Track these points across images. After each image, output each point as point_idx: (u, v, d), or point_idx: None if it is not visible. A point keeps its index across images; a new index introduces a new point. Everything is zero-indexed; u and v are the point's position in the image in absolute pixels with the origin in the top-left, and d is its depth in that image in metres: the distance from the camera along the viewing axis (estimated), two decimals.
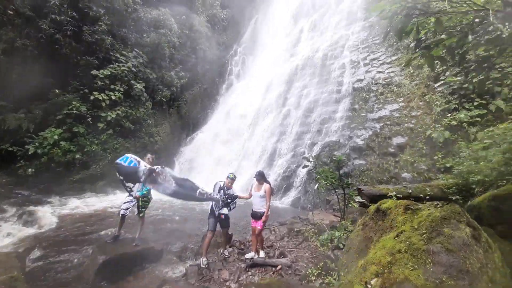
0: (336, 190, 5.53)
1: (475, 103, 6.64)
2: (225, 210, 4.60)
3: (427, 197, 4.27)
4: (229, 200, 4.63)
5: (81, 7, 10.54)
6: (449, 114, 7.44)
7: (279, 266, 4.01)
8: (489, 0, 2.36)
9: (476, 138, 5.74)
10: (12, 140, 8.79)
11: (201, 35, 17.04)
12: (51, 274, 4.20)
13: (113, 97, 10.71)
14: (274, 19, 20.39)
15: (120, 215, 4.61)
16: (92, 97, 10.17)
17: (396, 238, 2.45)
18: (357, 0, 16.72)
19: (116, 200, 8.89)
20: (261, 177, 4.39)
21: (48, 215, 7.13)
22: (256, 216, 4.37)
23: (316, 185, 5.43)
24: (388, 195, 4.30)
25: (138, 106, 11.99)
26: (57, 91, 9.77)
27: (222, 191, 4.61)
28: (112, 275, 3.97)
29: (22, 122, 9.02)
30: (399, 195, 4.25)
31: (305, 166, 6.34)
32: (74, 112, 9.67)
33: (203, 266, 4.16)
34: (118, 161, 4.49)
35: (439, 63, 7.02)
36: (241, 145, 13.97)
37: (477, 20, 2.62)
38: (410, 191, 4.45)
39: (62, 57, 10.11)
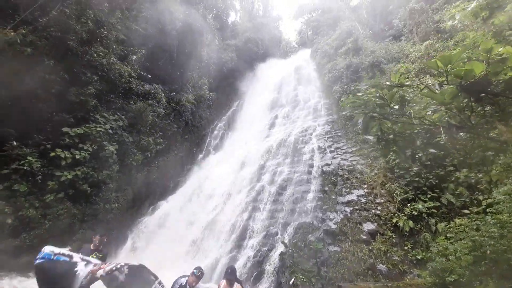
0: (313, 285, 4.96)
1: (429, 195, 7.46)
2: None
3: None
4: None
5: (75, 71, 11.17)
6: (409, 204, 8.10)
7: None
8: (439, 118, 3.08)
9: (438, 229, 6.12)
10: None
11: (186, 109, 18.46)
12: None
13: (77, 157, 9.91)
14: (253, 105, 23.53)
15: None
16: (52, 154, 9.29)
17: None
18: (321, 101, 20.72)
19: None
20: (233, 276, 3.63)
21: None
22: None
23: (292, 280, 4.86)
24: None
25: (103, 168, 11.07)
26: (14, 143, 8.84)
27: None
28: None
29: None
30: None
31: (282, 254, 5.84)
32: (24, 168, 8.50)
33: None
34: (38, 260, 3.18)
35: (393, 156, 8.22)
36: (208, 221, 12.85)
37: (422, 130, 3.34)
38: None
39: (35, 111, 9.76)
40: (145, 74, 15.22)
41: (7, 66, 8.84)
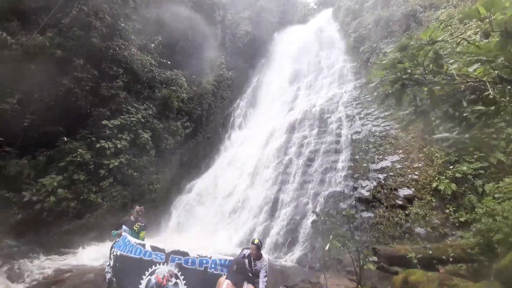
0: (349, 247, 5.08)
1: (475, 156, 6.79)
2: None
3: (450, 258, 3.92)
4: (256, 280, 3.46)
5: (103, 67, 11.86)
6: (451, 166, 7.51)
7: None
8: (484, 73, 2.66)
9: (485, 191, 5.65)
10: (9, 186, 8.55)
11: (207, 91, 18.66)
12: None
13: (119, 145, 10.96)
14: (273, 79, 22.76)
15: (107, 280, 4.09)
16: (98, 145, 10.40)
17: None
18: (346, 66, 19.11)
19: (105, 256, 8.06)
20: (239, 276, 2.72)
21: (35, 271, 6.39)
22: None
23: (327, 246, 5.01)
24: (408, 256, 3.94)
25: (142, 154, 12.15)
26: (65, 138, 10.06)
27: (247, 262, 3.60)
28: None
29: (24, 168, 8.96)
30: (419, 256, 3.90)
31: (314, 221, 5.99)
32: (78, 159, 9.73)
33: None
34: (116, 247, 3.41)
35: (433, 117, 7.49)
36: (241, 195, 13.57)
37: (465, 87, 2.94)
38: (430, 252, 4.12)
39: (76, 108, 10.80)
40: (164, 61, 15.49)
41: (44, 70, 9.73)
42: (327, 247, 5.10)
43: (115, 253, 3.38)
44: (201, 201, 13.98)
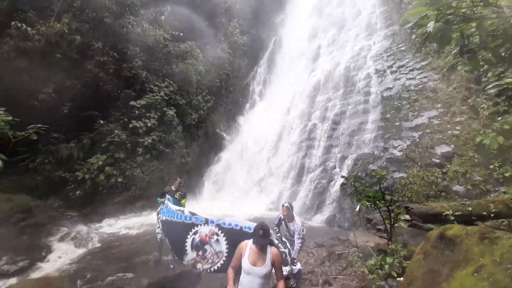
0: (379, 207, 5.11)
1: None
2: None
3: (492, 215, 3.75)
4: (292, 239, 3.77)
5: (120, 48, 11.96)
6: (500, 118, 6.70)
7: None
8: None
9: None
10: (64, 167, 9.83)
11: (223, 61, 18.10)
12: None
13: (149, 124, 11.60)
14: (291, 39, 21.01)
15: (159, 239, 4.74)
16: (130, 125, 11.12)
17: (475, 274, 2.12)
18: (375, 12, 16.67)
19: (154, 220, 9.27)
20: (265, 240, 2.35)
21: (95, 236, 7.64)
22: None
23: (358, 207, 5.07)
24: (444, 214, 3.85)
25: (170, 131, 12.79)
26: (101, 121, 10.89)
27: (283, 224, 3.92)
28: None
29: (73, 151, 10.10)
30: (457, 213, 3.79)
31: (343, 185, 6.01)
32: (116, 139, 10.62)
33: None
34: (161, 214, 3.74)
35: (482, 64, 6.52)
36: (266, 162, 13.94)
37: None
38: (470, 208, 3.96)
39: (105, 92, 11.37)
40: (177, 33, 15.04)
41: (68, 58, 10.14)
42: (357, 208, 5.18)
43: (161, 218, 3.83)
44: (229, 170, 14.73)
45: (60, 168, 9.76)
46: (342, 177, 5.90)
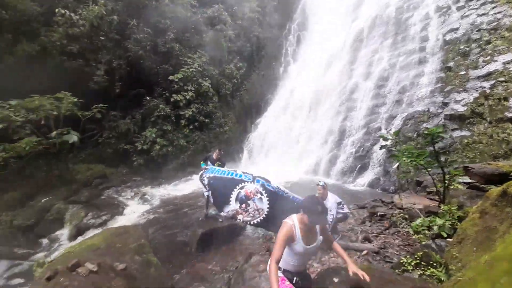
0: (429, 170, 4.67)
1: None
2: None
3: None
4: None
5: (153, 22, 12.22)
6: None
7: (365, 251, 3.78)
8: None
9: None
10: (125, 140, 11.42)
11: (253, 22, 17.02)
12: (167, 241, 5.39)
13: (187, 97, 12.24)
14: None
15: (206, 197, 5.35)
16: (172, 99, 11.92)
17: None
18: None
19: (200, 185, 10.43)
20: (325, 215, 1.98)
21: (156, 196, 9.07)
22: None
23: (396, 165, 4.70)
24: None
25: (207, 102, 13.30)
26: (147, 98, 11.92)
27: None
28: (210, 245, 4.76)
29: (130, 126, 11.53)
30: None
31: (382, 147, 5.56)
32: (162, 113, 11.63)
33: None
34: (212, 174, 3.94)
35: None
36: (304, 127, 13.61)
37: None
38: None
39: (146, 69, 12.15)
40: None
41: (111, 39, 10.90)
42: (395, 166, 4.83)
43: (208, 176, 4.13)
44: (266, 137, 14.95)
45: (122, 141, 11.38)
46: (380, 136, 5.40)
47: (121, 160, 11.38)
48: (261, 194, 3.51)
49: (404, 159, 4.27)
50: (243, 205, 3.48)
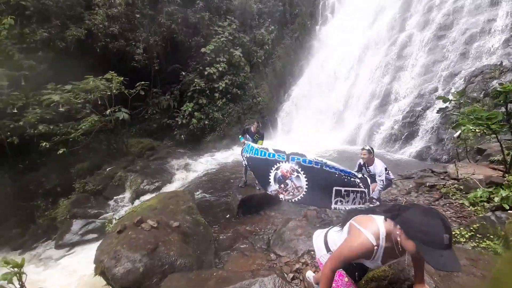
0: (498, 135, 3.91)
1: None
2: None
3: None
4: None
5: None
6: None
7: None
8: None
9: None
10: (167, 115, 12.28)
11: None
12: (211, 205, 5.95)
13: (220, 69, 12.18)
14: None
15: (244, 165, 5.55)
16: (205, 72, 12.03)
17: None
18: None
19: (239, 152, 10.88)
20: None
21: (198, 165, 9.85)
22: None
23: (458, 133, 4.02)
24: None
25: (239, 72, 13.07)
26: (183, 73, 12.26)
27: (364, 169, 3.88)
28: (249, 210, 5.09)
29: (170, 102, 12.25)
30: None
31: (440, 110, 4.79)
32: (197, 87, 11.95)
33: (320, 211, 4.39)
34: (247, 154, 4.01)
35: None
36: (343, 92, 12.53)
37: None
38: None
39: (179, 44, 12.27)
40: None
41: (145, 15, 11.07)
42: (456, 134, 4.17)
43: (245, 156, 4.25)
44: (302, 104, 14.34)
45: (165, 116, 12.27)
46: (439, 98, 4.53)
47: (165, 133, 12.42)
48: (298, 172, 3.48)
49: (469, 125, 3.61)
50: (282, 185, 3.51)
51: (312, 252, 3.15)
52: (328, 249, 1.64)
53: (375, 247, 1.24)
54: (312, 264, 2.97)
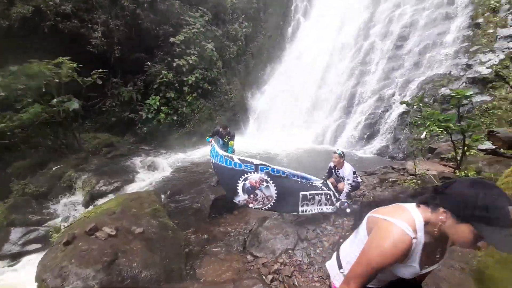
0: (451, 136, 4.43)
1: None
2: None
3: None
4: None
5: None
6: None
7: None
8: None
9: None
10: (129, 108, 11.17)
11: None
12: (180, 206, 5.54)
13: (190, 61, 11.54)
14: None
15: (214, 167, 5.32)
16: (174, 64, 11.27)
17: None
18: None
19: (208, 152, 10.44)
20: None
21: (164, 164, 9.16)
22: None
23: (424, 133, 4.47)
24: None
25: (211, 67, 12.58)
26: (148, 63, 11.28)
27: (333, 172, 4.06)
28: (222, 209, 4.87)
29: (132, 93, 11.16)
30: None
31: (405, 113, 5.25)
32: (165, 80, 11.13)
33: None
34: (213, 158, 3.90)
35: None
36: (312, 93, 13.03)
37: None
38: None
39: (145, 31, 11.24)
40: None
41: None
42: (423, 135, 4.62)
43: (212, 161, 3.99)
44: (273, 104, 14.50)
45: (126, 110, 11.15)
46: (402, 102, 5.01)
47: (127, 128, 11.31)
48: (267, 182, 3.42)
49: (434, 126, 4.04)
50: (252, 195, 3.39)
51: (290, 251, 3.11)
52: (340, 266, 1.22)
53: (414, 240, 0.89)
54: (290, 263, 2.91)
